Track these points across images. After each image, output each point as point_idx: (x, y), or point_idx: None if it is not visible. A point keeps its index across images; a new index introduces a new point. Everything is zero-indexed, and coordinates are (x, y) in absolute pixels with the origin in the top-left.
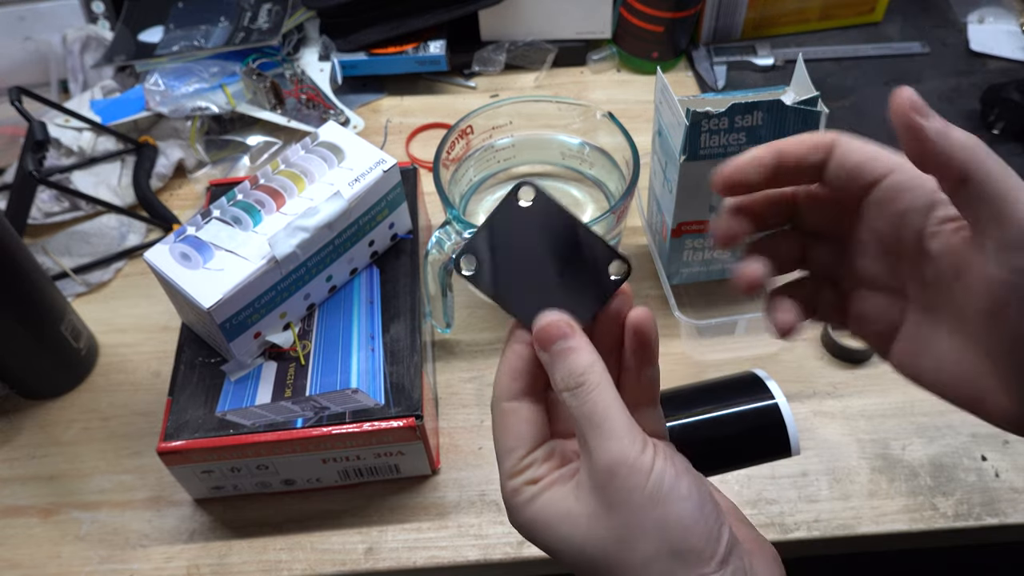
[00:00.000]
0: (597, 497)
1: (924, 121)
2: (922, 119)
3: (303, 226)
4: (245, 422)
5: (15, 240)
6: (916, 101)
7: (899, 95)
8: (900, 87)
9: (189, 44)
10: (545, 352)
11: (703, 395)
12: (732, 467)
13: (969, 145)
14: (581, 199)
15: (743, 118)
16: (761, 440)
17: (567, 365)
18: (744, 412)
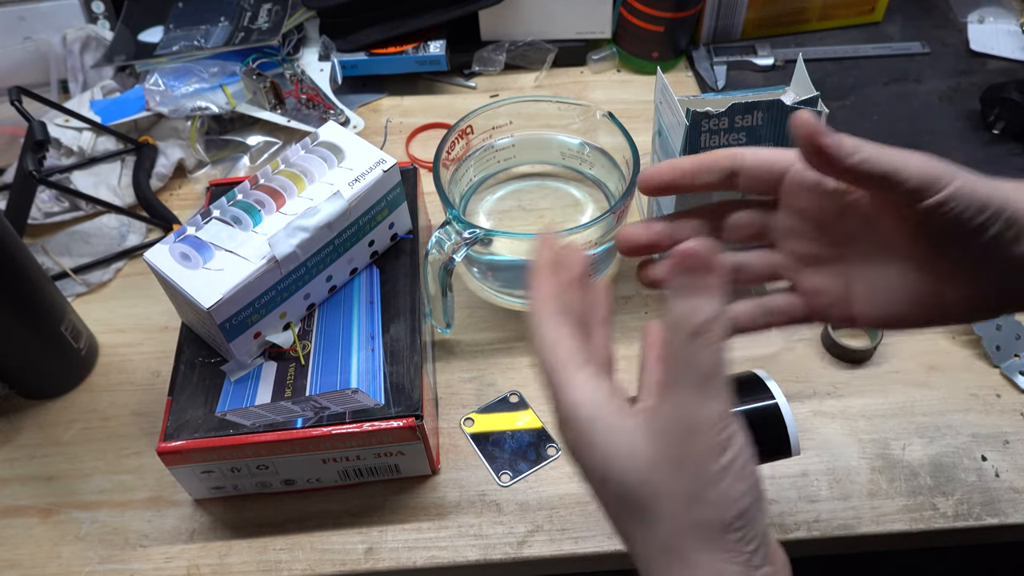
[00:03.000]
0: (669, 444)
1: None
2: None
3: (303, 226)
4: (245, 422)
5: (15, 240)
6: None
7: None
8: (798, 113)
9: (189, 44)
10: (685, 277)
11: None
12: None
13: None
14: (581, 199)
15: (743, 118)
16: (761, 440)
17: (706, 306)
18: (744, 412)
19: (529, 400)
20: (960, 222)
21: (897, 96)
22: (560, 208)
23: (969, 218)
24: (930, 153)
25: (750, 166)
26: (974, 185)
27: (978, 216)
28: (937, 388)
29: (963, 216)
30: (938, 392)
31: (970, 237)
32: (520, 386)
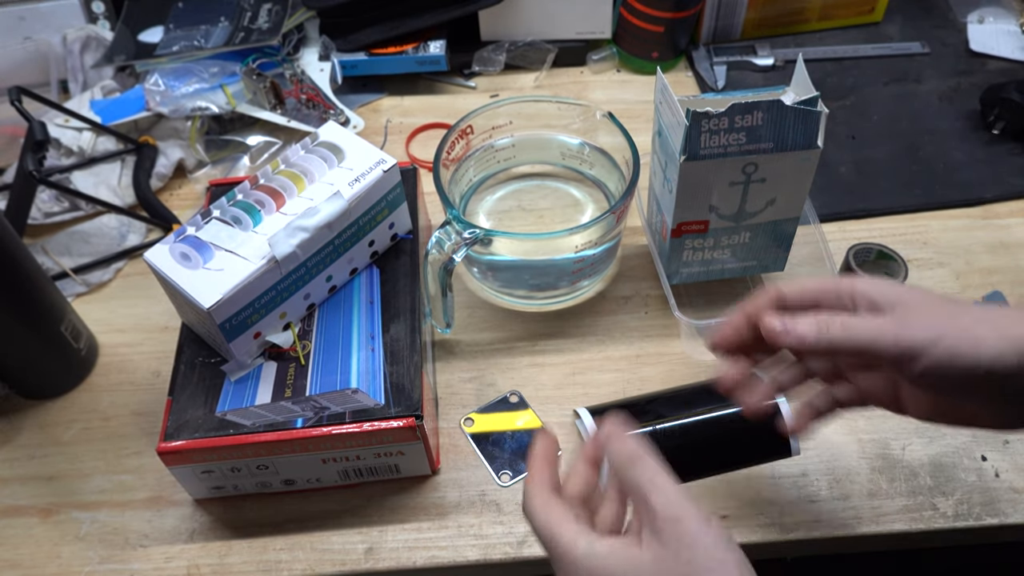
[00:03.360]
0: (660, 543)
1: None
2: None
3: (303, 226)
4: (245, 422)
5: (15, 240)
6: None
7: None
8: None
9: (189, 44)
10: (603, 446)
11: (703, 395)
12: (732, 467)
13: (819, 325)
14: (581, 199)
15: (743, 118)
16: (761, 440)
17: (622, 447)
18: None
19: (529, 400)
20: (949, 384)
21: (897, 96)
22: (560, 208)
23: (958, 381)
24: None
25: (791, 300)
26: (957, 350)
27: (968, 378)
28: None
29: (950, 380)
30: None
31: (970, 389)
32: (520, 386)
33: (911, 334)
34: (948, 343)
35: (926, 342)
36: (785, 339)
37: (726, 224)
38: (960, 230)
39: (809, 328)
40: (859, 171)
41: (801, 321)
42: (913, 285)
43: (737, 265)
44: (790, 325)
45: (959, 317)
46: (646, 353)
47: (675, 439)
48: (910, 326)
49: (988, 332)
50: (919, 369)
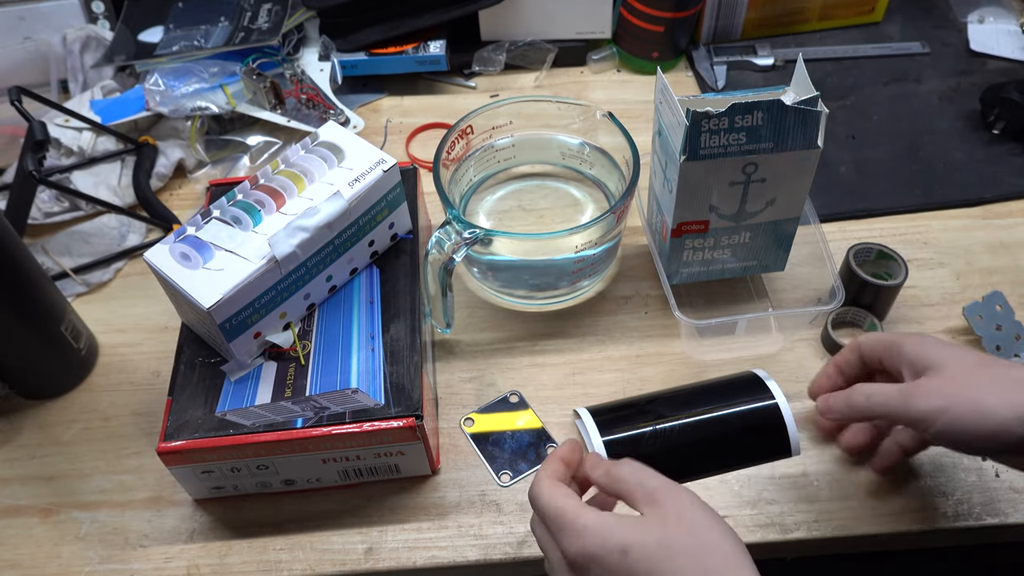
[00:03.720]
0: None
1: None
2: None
3: (303, 226)
4: (245, 422)
5: (15, 240)
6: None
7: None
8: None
9: (189, 44)
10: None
11: (703, 395)
12: (732, 467)
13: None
14: (581, 199)
15: (743, 118)
16: (761, 440)
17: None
18: (744, 412)
19: (529, 400)
20: (963, 445)
21: (897, 96)
22: (560, 208)
23: (969, 444)
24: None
25: (865, 354)
26: (961, 421)
27: (977, 441)
28: None
29: (962, 443)
30: None
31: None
32: (520, 386)
33: (918, 404)
34: (954, 413)
35: (935, 411)
36: (828, 415)
37: (726, 224)
38: (960, 230)
39: (838, 403)
40: (859, 171)
41: (833, 398)
42: (959, 346)
43: (737, 265)
44: (829, 403)
45: (973, 385)
46: (646, 353)
47: (675, 438)
48: (922, 395)
49: (995, 401)
50: (930, 435)
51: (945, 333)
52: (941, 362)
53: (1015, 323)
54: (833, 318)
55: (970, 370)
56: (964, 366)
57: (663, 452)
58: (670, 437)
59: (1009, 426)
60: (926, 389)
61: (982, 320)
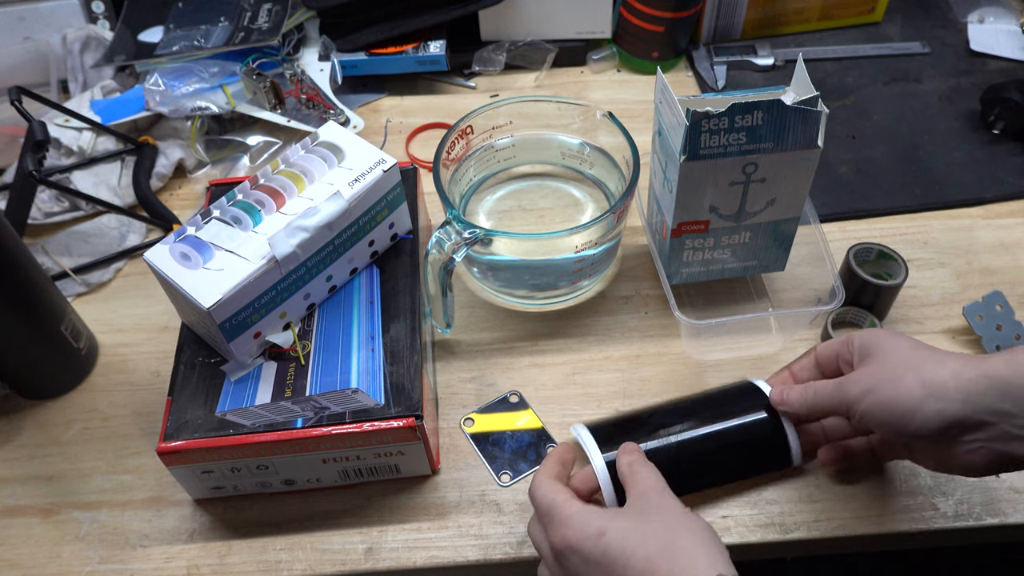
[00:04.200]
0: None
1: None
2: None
3: (303, 226)
4: (245, 422)
5: (15, 240)
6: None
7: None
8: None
9: (189, 44)
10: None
11: (702, 407)
12: (733, 479)
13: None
14: (581, 199)
15: (743, 118)
16: (762, 451)
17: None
18: (745, 424)
19: (529, 400)
20: (887, 428)
21: (897, 96)
22: (560, 208)
23: (890, 426)
24: None
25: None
26: (882, 399)
27: (896, 422)
28: None
29: (885, 426)
30: None
31: (908, 433)
32: (520, 386)
33: (850, 390)
34: (877, 393)
35: (860, 394)
36: (782, 407)
37: (726, 224)
38: (960, 230)
39: (795, 397)
40: (859, 171)
41: (792, 391)
42: (902, 335)
43: (737, 265)
44: (785, 396)
45: (899, 366)
46: (646, 353)
47: (675, 453)
48: (854, 380)
49: (912, 380)
50: (856, 417)
51: (945, 333)
52: (879, 349)
53: (1015, 323)
54: (833, 318)
55: (902, 354)
56: (898, 351)
57: (664, 467)
58: (670, 452)
59: (922, 404)
60: (859, 375)
61: (982, 320)
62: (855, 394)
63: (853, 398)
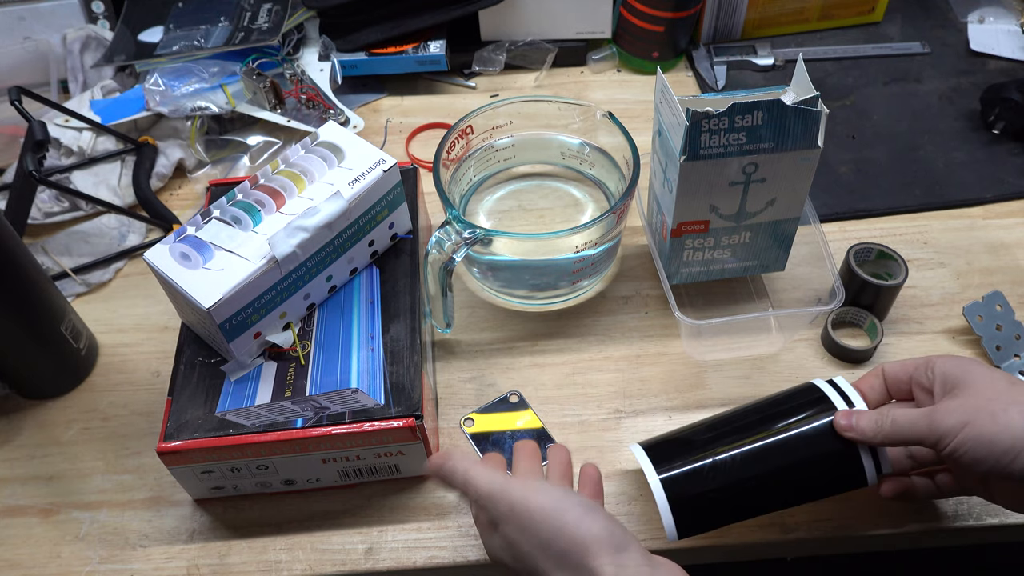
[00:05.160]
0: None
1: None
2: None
3: (303, 226)
4: (245, 422)
5: (15, 240)
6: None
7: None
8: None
9: (189, 44)
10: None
11: (764, 417)
12: (799, 501)
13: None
14: (581, 199)
15: (743, 118)
16: (832, 466)
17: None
18: (807, 435)
19: (529, 400)
20: (981, 464)
21: (897, 96)
22: (560, 208)
23: (986, 462)
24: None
25: (891, 377)
26: (980, 434)
27: (994, 459)
28: None
29: (980, 462)
30: None
31: (1003, 471)
32: (520, 386)
33: (943, 421)
34: (974, 427)
35: (956, 426)
36: (851, 435)
37: (726, 224)
38: (960, 230)
39: (869, 425)
40: (859, 171)
41: (864, 417)
42: (992, 368)
43: (737, 265)
44: (855, 422)
45: (998, 400)
46: (646, 353)
47: (735, 471)
48: (948, 411)
49: (1016, 416)
50: (947, 451)
51: (945, 333)
52: (971, 380)
53: (1015, 323)
54: (833, 318)
55: (999, 387)
56: (996, 383)
57: (721, 489)
58: (730, 470)
59: (1019, 447)
60: (952, 406)
61: (982, 320)
62: (948, 426)
63: (945, 430)
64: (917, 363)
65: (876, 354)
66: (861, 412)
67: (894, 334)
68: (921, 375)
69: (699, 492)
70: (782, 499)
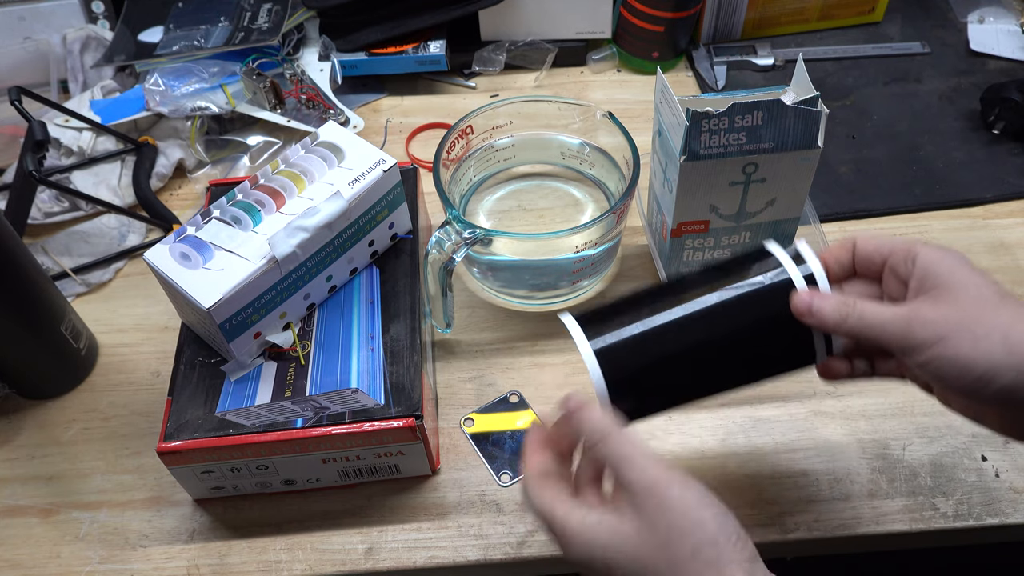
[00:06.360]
0: (639, 514)
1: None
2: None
3: (303, 226)
4: (245, 422)
5: (15, 240)
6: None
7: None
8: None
9: (189, 44)
10: (571, 419)
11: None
12: (744, 378)
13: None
14: (581, 199)
15: (743, 118)
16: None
17: (590, 424)
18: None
19: (529, 400)
20: (949, 380)
21: (897, 96)
22: (560, 208)
23: (956, 380)
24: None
25: (861, 255)
26: (956, 354)
27: (964, 379)
28: None
29: (949, 378)
30: None
31: (969, 390)
32: (520, 386)
33: (916, 332)
34: (949, 344)
35: (931, 339)
36: (809, 320)
37: (726, 224)
38: (960, 230)
39: (832, 314)
40: (859, 171)
41: (828, 303)
42: (983, 273)
43: None
44: (817, 306)
45: (983, 318)
46: None
47: (670, 343)
48: (924, 321)
49: (997, 340)
50: (917, 363)
51: None
52: (955, 283)
53: None
54: None
55: (984, 297)
56: (980, 293)
57: (656, 363)
58: (663, 341)
59: (998, 371)
60: (930, 316)
61: None
62: (922, 338)
63: (919, 342)
64: (896, 247)
65: None
66: (824, 297)
67: None
68: (899, 263)
69: (639, 364)
70: (728, 374)
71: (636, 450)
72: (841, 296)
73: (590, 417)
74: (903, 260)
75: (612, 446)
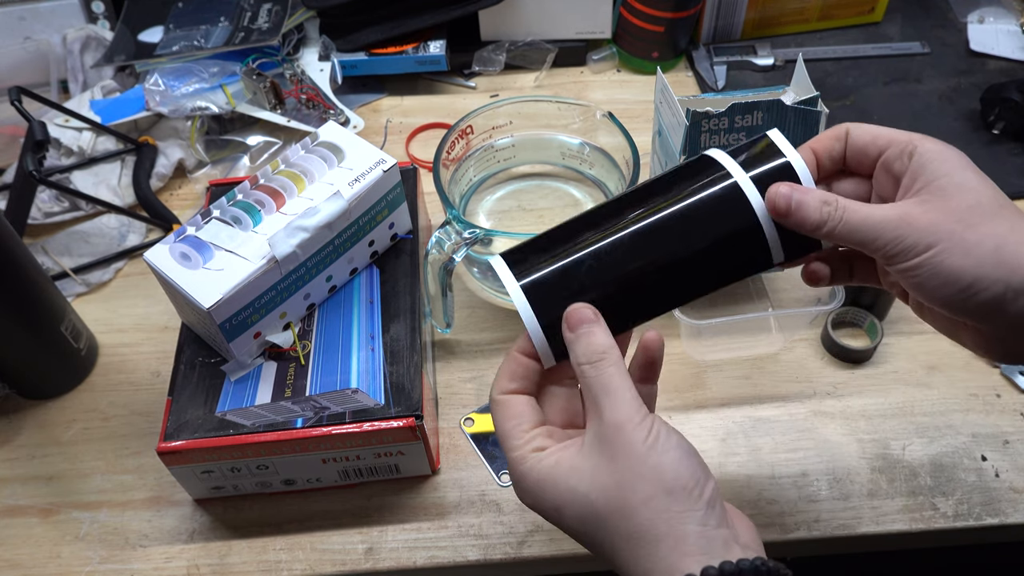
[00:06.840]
0: (602, 451)
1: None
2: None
3: (303, 226)
4: (245, 422)
5: (15, 240)
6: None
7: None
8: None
9: (189, 44)
10: (572, 332)
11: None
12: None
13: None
14: (581, 199)
15: (743, 118)
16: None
17: (590, 343)
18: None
19: None
20: (933, 292)
21: (897, 96)
22: (560, 208)
23: (939, 292)
24: None
25: (855, 145)
26: (942, 265)
27: (951, 287)
28: (937, 388)
29: (932, 289)
30: (938, 392)
31: (952, 303)
32: None
33: (906, 238)
34: (940, 255)
35: (919, 247)
36: (788, 215)
37: None
38: None
39: (812, 213)
40: None
41: (810, 199)
42: (985, 178)
43: None
44: (797, 201)
45: (973, 224)
46: None
47: (612, 265)
48: (911, 225)
49: (986, 251)
50: (899, 270)
51: None
52: (953, 185)
53: None
54: (833, 318)
55: (982, 209)
56: (978, 202)
57: (603, 285)
58: (609, 259)
59: (984, 283)
60: (921, 221)
61: None
62: (909, 244)
63: (904, 248)
64: (895, 138)
65: (876, 354)
66: (806, 191)
67: (894, 334)
68: (895, 156)
69: (573, 295)
70: (676, 288)
71: (624, 384)
72: (823, 194)
73: (591, 339)
74: (900, 153)
75: (603, 374)
